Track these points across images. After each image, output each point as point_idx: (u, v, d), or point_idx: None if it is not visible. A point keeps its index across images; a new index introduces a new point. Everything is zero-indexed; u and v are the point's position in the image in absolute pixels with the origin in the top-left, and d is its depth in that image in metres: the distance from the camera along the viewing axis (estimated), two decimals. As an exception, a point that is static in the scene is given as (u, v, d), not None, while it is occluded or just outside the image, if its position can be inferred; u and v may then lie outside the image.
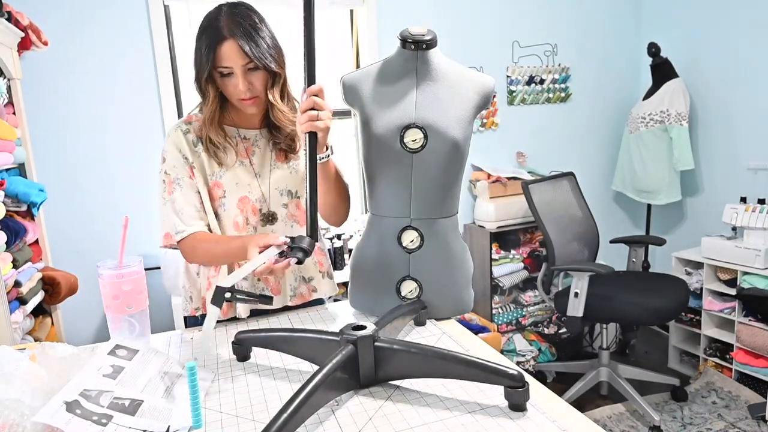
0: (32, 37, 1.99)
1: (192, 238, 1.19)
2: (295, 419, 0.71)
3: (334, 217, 1.29)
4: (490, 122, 3.12)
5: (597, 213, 2.96)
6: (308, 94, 1.04)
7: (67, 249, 2.35)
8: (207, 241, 1.19)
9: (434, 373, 0.86)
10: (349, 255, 2.65)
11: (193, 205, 1.21)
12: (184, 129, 1.22)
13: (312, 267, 1.33)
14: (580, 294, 2.35)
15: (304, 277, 1.32)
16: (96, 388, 0.77)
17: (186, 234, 1.18)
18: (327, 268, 1.36)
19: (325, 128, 1.06)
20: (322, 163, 1.12)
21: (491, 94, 1.20)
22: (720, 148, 3.08)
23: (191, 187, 1.21)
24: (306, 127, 1.04)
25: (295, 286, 1.31)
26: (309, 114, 1.04)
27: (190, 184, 1.21)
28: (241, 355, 1.01)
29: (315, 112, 1.04)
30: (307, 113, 1.04)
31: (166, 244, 1.21)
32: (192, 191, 1.21)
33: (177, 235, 1.18)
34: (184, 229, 1.19)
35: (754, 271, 2.52)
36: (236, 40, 1.10)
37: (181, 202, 1.20)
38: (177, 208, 1.19)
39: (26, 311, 1.73)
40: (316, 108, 1.04)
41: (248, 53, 1.10)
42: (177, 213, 1.19)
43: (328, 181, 1.19)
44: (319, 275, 1.33)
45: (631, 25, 3.44)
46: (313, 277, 1.33)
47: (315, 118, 1.04)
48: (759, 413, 2.38)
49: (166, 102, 2.48)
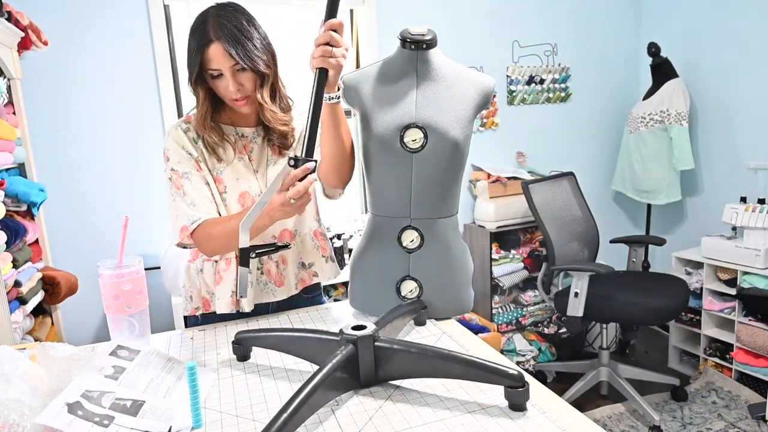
0: (32, 37, 1.99)
1: (205, 224, 1.17)
2: (295, 419, 0.71)
3: (336, 175, 1.21)
4: (490, 122, 3.12)
5: (597, 213, 2.96)
6: (327, 28, 0.99)
7: (67, 249, 2.35)
8: (220, 223, 1.16)
9: (434, 373, 0.86)
10: (349, 255, 2.66)
11: (205, 195, 1.20)
12: (184, 127, 1.23)
13: (313, 252, 1.33)
14: (580, 294, 2.35)
15: (304, 264, 1.33)
16: (98, 389, 0.77)
17: (201, 221, 1.16)
18: (329, 253, 1.36)
19: (338, 66, 1.01)
20: (332, 103, 1.08)
21: (491, 94, 1.20)
22: (720, 148, 3.08)
23: (200, 179, 1.21)
24: (318, 62, 1.00)
25: (297, 274, 1.31)
26: (323, 48, 0.99)
27: (199, 177, 1.21)
28: (241, 355, 1.02)
29: (330, 48, 0.99)
30: (321, 47, 0.99)
31: (182, 239, 1.19)
32: (202, 182, 1.21)
33: (192, 225, 1.16)
34: (199, 216, 1.17)
35: (754, 271, 2.52)
36: (221, 42, 1.10)
37: (193, 194, 1.19)
38: (189, 200, 1.18)
39: (26, 311, 1.73)
40: (331, 43, 0.99)
41: (234, 55, 1.10)
42: (189, 205, 1.18)
43: (337, 127, 1.12)
44: (322, 260, 1.34)
45: (631, 25, 3.44)
46: (313, 262, 1.33)
47: (329, 54, 0.99)
48: (759, 413, 2.39)
49: (165, 102, 2.48)
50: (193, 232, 1.17)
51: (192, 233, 1.17)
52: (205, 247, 1.19)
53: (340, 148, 1.16)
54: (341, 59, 1.01)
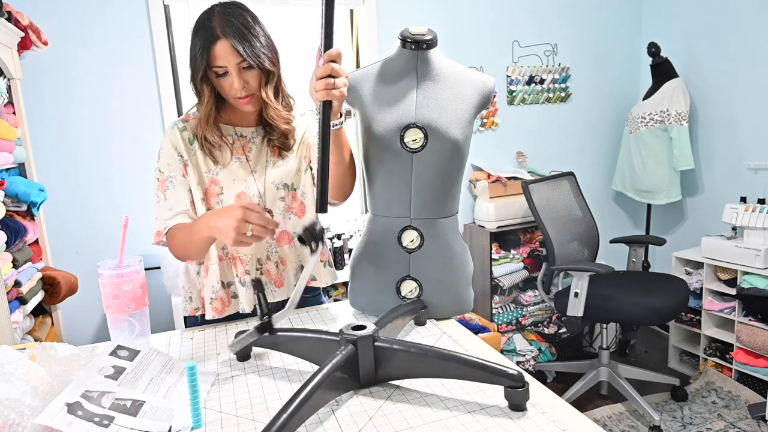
0: (32, 37, 1.99)
1: (174, 229, 1.18)
2: (295, 419, 0.71)
3: (340, 190, 1.23)
4: (490, 122, 3.12)
5: (597, 213, 2.96)
6: (326, 59, 0.97)
7: (67, 249, 2.35)
8: (181, 228, 1.17)
9: (434, 373, 0.86)
10: (349, 255, 2.66)
11: (182, 202, 1.21)
12: (180, 127, 1.23)
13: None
14: (580, 294, 2.35)
15: (302, 267, 1.33)
16: (97, 389, 0.77)
17: (170, 226, 1.18)
18: (328, 258, 1.36)
19: (342, 96, 1.00)
20: (336, 130, 1.07)
21: (491, 94, 1.20)
22: (720, 148, 3.08)
23: (183, 185, 1.21)
24: (321, 95, 0.98)
25: (296, 275, 1.32)
26: (326, 81, 0.97)
27: (182, 182, 1.21)
28: (241, 355, 1.01)
29: (332, 80, 0.98)
30: (323, 80, 0.97)
31: (157, 241, 1.21)
32: (184, 189, 1.21)
33: (165, 230, 1.19)
34: (170, 223, 1.18)
35: (754, 271, 2.52)
36: (229, 39, 1.10)
37: (172, 200, 1.20)
38: (168, 205, 1.20)
39: (26, 311, 1.73)
40: (333, 75, 0.98)
41: (241, 52, 1.10)
42: (167, 210, 1.20)
43: (340, 150, 1.13)
44: (320, 264, 1.34)
45: (631, 25, 3.44)
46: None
47: (332, 86, 0.98)
48: (759, 413, 2.39)
49: (165, 102, 2.48)
50: (166, 237, 1.19)
51: (166, 238, 1.19)
52: (174, 250, 1.21)
53: (342, 168, 1.17)
54: (343, 88, 1.01)
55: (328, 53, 0.98)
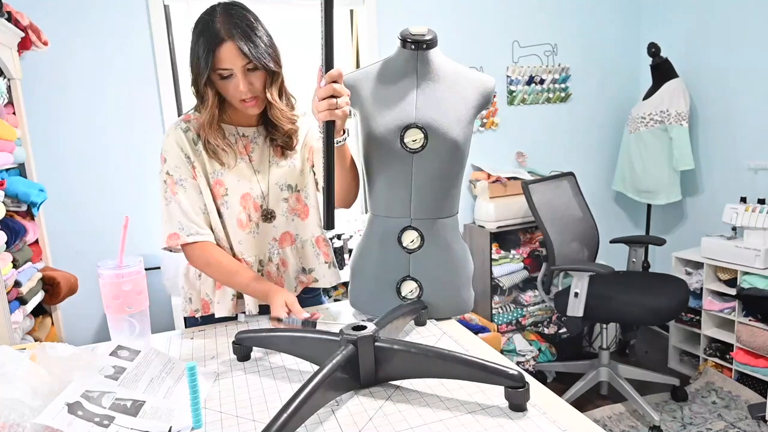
0: (32, 37, 1.99)
1: (203, 247, 1.18)
2: (295, 419, 0.71)
3: (344, 200, 1.25)
4: (490, 122, 3.12)
5: (597, 213, 2.96)
6: (327, 80, 0.98)
7: (67, 249, 2.35)
8: (221, 264, 1.19)
9: (434, 373, 0.86)
10: (349, 255, 2.65)
11: (199, 207, 1.20)
12: (183, 127, 1.21)
13: (313, 258, 1.33)
14: (580, 294, 2.35)
15: (305, 269, 1.33)
16: (98, 389, 0.77)
17: (198, 240, 1.18)
18: (331, 259, 1.36)
19: (344, 115, 1.01)
20: (339, 146, 1.08)
21: (491, 94, 1.20)
22: (720, 148, 3.08)
23: (195, 188, 1.20)
24: (324, 115, 0.99)
25: (297, 276, 1.32)
26: (328, 102, 0.98)
27: (194, 185, 1.20)
28: (241, 355, 1.02)
29: (334, 100, 0.99)
30: (326, 101, 0.98)
31: (170, 245, 1.19)
32: (196, 193, 1.20)
33: (189, 237, 1.17)
34: (197, 232, 1.18)
35: (754, 271, 2.52)
36: (234, 41, 1.08)
37: (187, 205, 1.18)
38: (184, 209, 1.18)
39: (26, 311, 1.73)
40: (335, 95, 0.99)
41: (247, 54, 1.09)
42: (185, 214, 1.18)
43: (344, 165, 1.14)
44: (324, 266, 1.34)
45: (631, 25, 3.43)
46: (314, 268, 1.33)
47: (334, 106, 0.99)
48: (759, 413, 2.39)
49: (166, 102, 2.48)
50: (186, 244, 1.18)
51: (185, 244, 1.18)
52: (195, 263, 1.22)
53: (346, 180, 1.18)
54: (346, 108, 1.01)
55: (329, 74, 0.98)
